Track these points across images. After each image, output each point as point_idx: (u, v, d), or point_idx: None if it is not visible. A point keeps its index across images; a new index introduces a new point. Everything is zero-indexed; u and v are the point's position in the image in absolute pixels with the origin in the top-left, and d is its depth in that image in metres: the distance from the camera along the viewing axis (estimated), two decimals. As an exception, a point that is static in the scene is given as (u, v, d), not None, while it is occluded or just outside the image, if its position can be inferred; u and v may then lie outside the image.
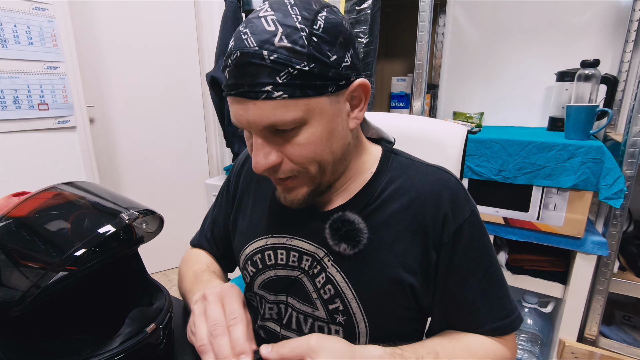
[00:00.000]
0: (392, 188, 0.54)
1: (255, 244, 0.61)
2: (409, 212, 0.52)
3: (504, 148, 1.18)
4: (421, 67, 1.30)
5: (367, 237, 0.52)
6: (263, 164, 0.46)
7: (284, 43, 0.40)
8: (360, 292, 0.52)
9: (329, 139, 0.47)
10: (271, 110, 0.42)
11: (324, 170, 0.49)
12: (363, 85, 0.48)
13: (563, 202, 1.14)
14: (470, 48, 1.62)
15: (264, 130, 0.44)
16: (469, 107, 1.67)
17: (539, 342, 1.34)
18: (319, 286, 0.55)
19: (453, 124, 0.78)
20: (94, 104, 1.87)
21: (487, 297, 0.52)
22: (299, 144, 0.45)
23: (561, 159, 1.11)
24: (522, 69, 1.53)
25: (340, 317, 0.53)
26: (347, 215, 0.52)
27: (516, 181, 1.18)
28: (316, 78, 0.42)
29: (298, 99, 0.42)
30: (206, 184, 2.14)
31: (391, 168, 0.56)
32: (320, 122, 0.45)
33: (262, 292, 0.61)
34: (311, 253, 0.56)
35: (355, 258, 0.52)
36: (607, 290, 1.19)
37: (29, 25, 1.44)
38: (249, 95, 0.42)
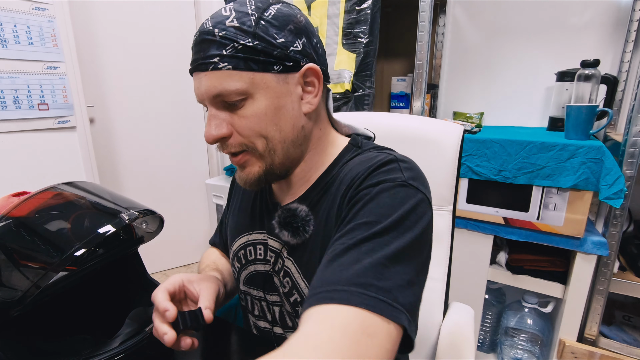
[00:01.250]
0: (340, 175, 0.53)
1: (240, 240, 0.63)
2: (341, 192, 0.50)
3: (504, 148, 1.18)
4: (421, 67, 1.30)
5: (313, 225, 0.52)
6: (213, 135, 0.49)
7: (234, 23, 0.46)
8: (310, 280, 0.47)
9: (275, 115, 0.49)
10: (218, 80, 0.46)
11: (273, 149, 0.50)
12: (313, 69, 0.50)
13: (563, 202, 1.14)
14: (470, 48, 1.62)
15: (214, 101, 0.48)
16: (469, 107, 1.67)
17: (539, 342, 1.34)
18: (282, 280, 0.56)
19: (449, 124, 0.78)
20: (94, 104, 1.87)
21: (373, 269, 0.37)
22: (244, 116, 0.48)
23: (561, 159, 1.11)
24: (522, 69, 1.53)
25: (300, 308, 0.49)
26: (290, 205, 0.55)
27: (516, 181, 1.19)
28: (259, 54, 0.46)
29: (242, 71, 0.46)
30: (206, 184, 2.14)
31: (348, 158, 0.55)
32: (266, 97, 0.48)
33: (246, 289, 0.63)
34: (274, 248, 0.58)
35: (303, 247, 0.53)
36: (607, 290, 1.19)
37: (29, 25, 1.44)
38: (201, 68, 0.47)
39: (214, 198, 2.11)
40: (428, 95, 1.62)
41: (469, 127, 1.33)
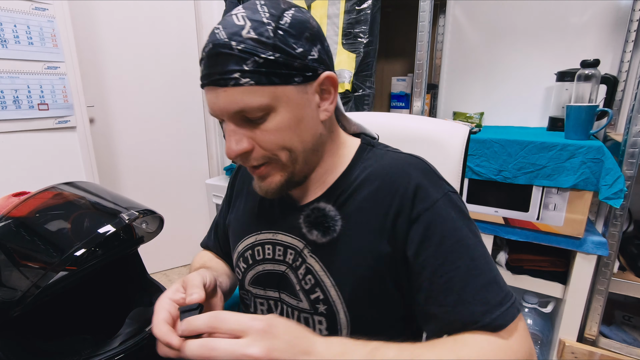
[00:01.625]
0: (364, 176, 0.55)
1: (246, 241, 0.63)
2: (379, 194, 0.52)
3: (504, 148, 1.18)
4: (421, 67, 1.30)
5: (341, 225, 0.53)
6: (234, 150, 0.48)
7: (251, 35, 0.44)
8: (338, 279, 0.53)
9: (298, 127, 0.49)
10: (239, 96, 0.45)
11: (296, 159, 0.51)
12: (330, 77, 0.50)
13: (563, 202, 1.14)
14: (470, 48, 1.62)
15: (234, 117, 0.47)
16: (469, 107, 1.67)
17: (539, 342, 1.34)
18: (301, 277, 0.56)
19: (455, 124, 0.77)
20: (94, 104, 1.87)
21: (478, 283, 0.46)
22: (267, 130, 0.47)
23: (561, 159, 1.11)
24: (522, 69, 1.53)
25: (322, 306, 0.54)
26: (318, 204, 0.55)
27: (516, 181, 1.19)
28: (281, 67, 0.45)
29: (264, 85, 0.45)
30: (206, 184, 2.14)
31: (366, 159, 0.57)
32: (288, 109, 0.47)
33: (252, 289, 0.62)
34: (293, 246, 0.57)
35: (330, 246, 0.54)
36: (607, 290, 1.19)
37: (29, 25, 1.44)
38: (219, 83, 0.45)
39: (214, 198, 2.11)
40: (428, 95, 1.62)
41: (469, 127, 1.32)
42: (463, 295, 0.46)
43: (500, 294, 0.46)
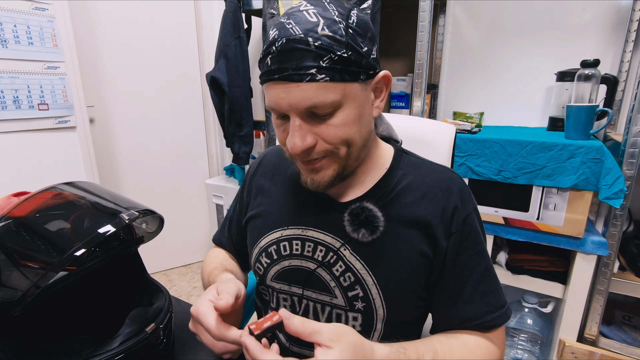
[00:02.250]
0: (405, 183, 0.59)
1: (270, 236, 0.63)
2: (421, 204, 0.57)
3: (504, 148, 1.18)
4: (421, 67, 1.30)
5: (384, 226, 0.55)
6: (300, 146, 0.48)
7: (326, 32, 0.45)
8: (380, 278, 0.56)
9: (359, 123, 0.51)
10: (313, 92, 0.46)
11: (351, 153, 0.53)
12: (386, 76, 0.53)
13: (563, 202, 1.14)
14: (470, 48, 1.62)
15: (303, 113, 0.48)
16: (469, 107, 1.67)
17: (539, 342, 1.34)
18: (337, 274, 0.57)
19: (442, 124, 0.80)
20: (94, 104, 1.87)
21: (487, 288, 0.57)
22: (334, 125, 0.49)
23: (561, 159, 1.11)
24: (522, 69, 1.53)
25: (360, 303, 0.56)
26: (365, 203, 0.56)
27: (516, 181, 1.19)
28: (352, 65, 0.47)
29: (337, 82, 0.46)
30: (206, 184, 2.14)
31: (403, 165, 0.61)
32: (353, 106, 0.49)
33: (275, 284, 0.62)
34: (326, 243, 0.59)
35: (373, 245, 0.56)
36: (607, 290, 1.19)
37: (29, 25, 1.44)
38: (293, 78, 0.45)
39: (214, 198, 2.11)
40: (428, 95, 1.62)
41: (468, 127, 1.33)
42: (472, 296, 0.56)
43: (501, 300, 0.57)
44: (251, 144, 1.88)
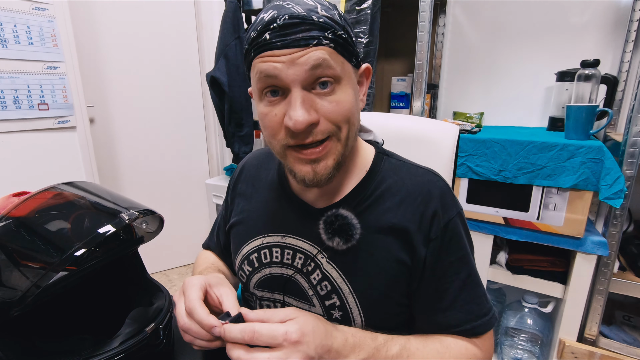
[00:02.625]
0: (384, 187, 0.57)
1: (252, 243, 0.62)
2: (399, 210, 0.55)
3: (504, 148, 1.18)
4: (421, 67, 1.30)
5: (360, 233, 0.54)
6: (307, 118, 0.46)
7: (325, 14, 0.47)
8: (356, 287, 0.55)
9: (355, 105, 0.51)
10: (319, 55, 0.46)
11: (348, 138, 0.51)
12: (368, 68, 0.55)
13: (563, 202, 1.14)
14: (470, 48, 1.62)
15: (307, 80, 0.46)
16: (469, 107, 1.67)
17: (539, 342, 1.34)
18: (315, 283, 0.56)
19: (446, 124, 0.80)
20: (94, 104, 1.87)
21: (469, 295, 0.55)
22: (336, 101, 0.48)
23: (561, 159, 1.11)
24: (522, 69, 1.53)
25: (337, 312, 0.55)
26: (340, 211, 0.55)
27: (516, 181, 1.18)
28: (348, 45, 0.49)
29: (339, 54, 0.48)
30: (206, 184, 2.14)
31: (383, 169, 0.59)
32: (350, 86, 0.50)
33: (258, 291, 0.62)
34: (304, 251, 0.58)
35: (349, 254, 0.55)
36: (607, 290, 1.19)
37: (29, 25, 1.44)
38: (299, 43, 0.45)
39: (214, 198, 2.11)
40: (428, 95, 1.62)
41: (469, 127, 1.33)
42: (454, 304, 0.54)
43: (484, 308, 0.55)
44: (251, 144, 1.88)
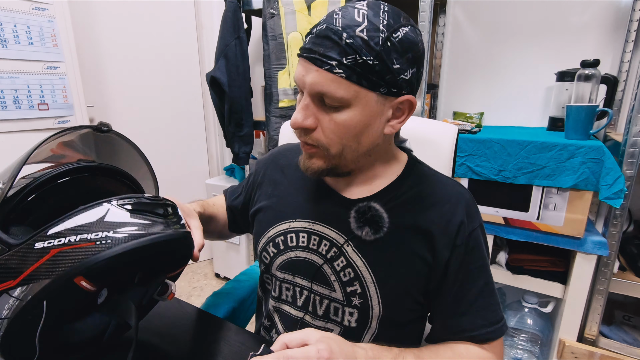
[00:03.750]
0: (414, 191, 0.60)
1: (279, 226, 0.65)
2: (428, 214, 0.58)
3: (504, 148, 1.18)
4: (421, 67, 1.30)
5: (388, 227, 0.56)
6: (299, 123, 0.52)
7: (363, 35, 0.47)
8: (379, 277, 0.57)
9: (361, 131, 0.52)
10: (326, 81, 0.48)
11: (345, 156, 0.54)
12: (410, 100, 0.53)
13: (563, 202, 1.14)
14: (470, 48, 1.62)
15: (313, 96, 0.51)
16: (469, 107, 1.67)
17: (539, 342, 1.34)
18: (338, 269, 0.59)
19: (444, 124, 0.81)
20: (94, 104, 1.87)
21: (485, 302, 0.58)
22: (335, 120, 0.51)
23: (561, 159, 1.11)
24: (522, 69, 1.53)
25: (357, 299, 0.58)
26: (372, 203, 0.58)
27: (516, 181, 1.19)
28: (374, 74, 0.48)
29: (352, 83, 0.48)
30: (206, 184, 2.14)
31: (414, 174, 0.62)
32: (362, 112, 0.50)
33: (279, 273, 0.64)
34: (331, 238, 0.60)
35: (375, 245, 0.58)
36: (607, 290, 1.19)
37: (29, 25, 1.43)
38: (315, 62, 0.49)
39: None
40: (428, 95, 1.62)
41: (469, 127, 1.33)
42: (470, 309, 0.57)
43: (498, 316, 0.58)
44: (251, 144, 1.87)
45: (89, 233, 0.43)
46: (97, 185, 0.57)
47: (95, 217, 0.44)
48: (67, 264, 0.42)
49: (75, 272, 0.41)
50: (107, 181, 0.58)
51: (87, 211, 0.44)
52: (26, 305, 0.42)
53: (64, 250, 0.42)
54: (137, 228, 0.45)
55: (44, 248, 0.42)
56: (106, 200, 0.46)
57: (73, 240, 0.42)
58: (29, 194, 0.51)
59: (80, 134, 0.59)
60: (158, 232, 0.45)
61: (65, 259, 0.42)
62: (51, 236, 0.43)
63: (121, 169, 0.60)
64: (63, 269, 0.42)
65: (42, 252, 0.42)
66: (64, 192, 0.54)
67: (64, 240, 0.42)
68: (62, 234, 0.43)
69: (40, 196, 0.52)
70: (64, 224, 0.43)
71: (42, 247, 0.42)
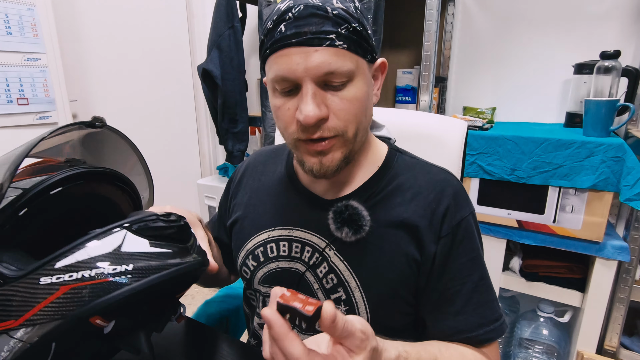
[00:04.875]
0: (396, 183, 0.60)
1: (257, 237, 0.65)
2: (411, 205, 0.58)
3: (518, 146, 1.18)
4: (429, 58, 1.30)
5: (370, 226, 0.56)
6: (318, 114, 0.49)
7: (340, 5, 0.49)
8: (364, 280, 0.57)
9: (367, 102, 0.54)
10: (332, 57, 0.48)
11: (358, 136, 0.54)
12: (383, 63, 0.57)
13: (581, 204, 1.14)
14: (482, 38, 1.62)
15: (318, 80, 0.49)
16: (480, 101, 1.67)
17: (555, 355, 1.34)
18: (321, 276, 0.59)
19: (452, 119, 0.81)
20: (77, 98, 1.87)
21: (482, 299, 0.57)
22: (346, 98, 0.51)
23: (579, 157, 1.11)
24: (537, 61, 1.53)
25: (342, 307, 0.58)
26: (351, 202, 0.57)
27: (531, 181, 1.18)
28: (363, 40, 0.51)
29: (352, 53, 0.50)
30: (198, 184, 2.14)
31: (396, 165, 0.62)
32: (363, 82, 0.52)
33: (262, 287, 0.64)
34: (312, 244, 0.60)
35: (357, 246, 0.57)
36: (629, 298, 1.19)
37: (7, 14, 1.43)
38: (312, 42, 0.48)
39: (206, 199, 2.11)
40: (436, 89, 1.62)
41: (480, 123, 1.32)
42: (465, 307, 0.56)
43: (497, 313, 0.57)
44: (246, 141, 1.88)
45: (105, 266, 0.41)
46: (90, 192, 0.56)
47: (111, 247, 0.42)
48: (81, 303, 0.39)
49: (91, 312, 0.39)
50: (100, 185, 0.57)
51: (100, 239, 0.42)
52: (32, 347, 0.40)
53: (77, 287, 0.40)
54: (158, 259, 0.43)
55: (52, 284, 0.40)
56: (121, 225, 0.44)
57: (88, 276, 0.40)
58: (19, 209, 0.47)
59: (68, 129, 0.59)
60: (180, 262, 0.44)
61: (79, 297, 0.40)
62: (60, 270, 0.40)
63: (116, 172, 0.58)
64: (77, 308, 0.39)
65: (50, 288, 0.40)
66: (55, 202, 0.52)
67: (77, 275, 0.40)
68: (73, 267, 0.40)
69: (31, 211, 0.49)
70: (74, 256, 0.41)
71: (49, 282, 0.40)
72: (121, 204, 0.61)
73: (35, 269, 0.41)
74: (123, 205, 0.62)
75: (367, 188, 0.60)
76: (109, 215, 0.60)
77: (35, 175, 0.52)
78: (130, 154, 0.65)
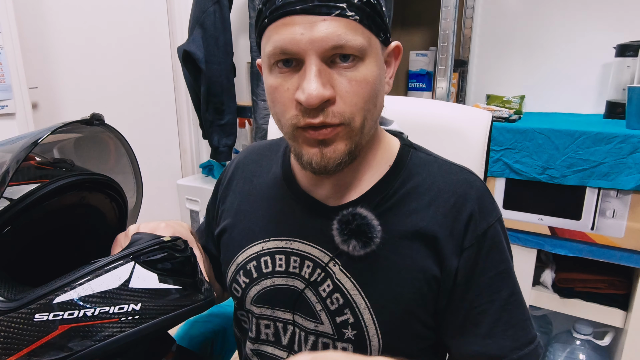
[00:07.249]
0: (410, 185, 0.59)
1: (249, 250, 0.64)
2: (429, 212, 0.57)
3: (550, 140, 1.18)
4: (446, 39, 1.30)
5: (381, 237, 0.55)
6: (322, 93, 0.47)
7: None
8: (374, 301, 0.56)
9: (378, 87, 0.52)
10: (341, 30, 0.47)
11: (363, 127, 0.53)
12: (398, 47, 0.57)
13: (624, 208, 1.14)
14: (509, 15, 1.62)
15: (324, 55, 0.48)
16: (506, 89, 1.67)
17: (594, 383, 1.34)
18: (324, 295, 0.58)
19: (475, 110, 0.80)
20: (37, 84, 1.87)
21: (513, 318, 0.56)
22: (355, 79, 0.49)
23: (622, 153, 1.11)
24: (573, 42, 1.53)
25: (350, 331, 0.56)
26: (358, 210, 0.56)
27: (565, 181, 1.19)
28: (377, 15, 0.50)
29: (365, 27, 0.49)
30: (178, 184, 2.14)
31: (410, 164, 0.60)
32: (375, 63, 0.51)
33: (255, 308, 0.63)
34: (313, 258, 0.59)
35: (366, 261, 0.56)
36: (679, 317, 1.19)
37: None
38: (320, 11, 0.46)
39: (187, 202, 2.11)
40: (455, 74, 1.62)
41: (506, 114, 1.33)
42: (494, 329, 0.55)
43: (530, 334, 0.56)
44: (234, 135, 1.88)
45: (110, 305, 0.41)
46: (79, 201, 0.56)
47: (117, 282, 0.42)
48: (81, 344, 0.40)
49: (92, 356, 0.40)
50: (91, 194, 0.58)
51: (106, 273, 0.42)
52: None
53: (76, 327, 0.40)
54: (167, 298, 0.44)
55: (48, 322, 0.39)
56: (128, 255, 0.44)
57: (90, 315, 0.40)
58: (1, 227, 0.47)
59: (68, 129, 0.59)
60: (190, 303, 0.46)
61: (79, 337, 0.40)
62: (58, 306, 0.40)
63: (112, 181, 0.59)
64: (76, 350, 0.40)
65: (45, 326, 0.39)
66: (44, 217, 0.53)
67: (78, 313, 0.40)
68: (74, 305, 0.40)
69: (15, 228, 0.49)
70: (76, 290, 0.40)
71: (45, 320, 0.39)
72: (107, 213, 0.62)
73: (29, 303, 0.40)
74: (109, 215, 0.62)
75: (377, 191, 0.59)
76: (97, 226, 0.62)
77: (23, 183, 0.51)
78: (121, 155, 0.65)
